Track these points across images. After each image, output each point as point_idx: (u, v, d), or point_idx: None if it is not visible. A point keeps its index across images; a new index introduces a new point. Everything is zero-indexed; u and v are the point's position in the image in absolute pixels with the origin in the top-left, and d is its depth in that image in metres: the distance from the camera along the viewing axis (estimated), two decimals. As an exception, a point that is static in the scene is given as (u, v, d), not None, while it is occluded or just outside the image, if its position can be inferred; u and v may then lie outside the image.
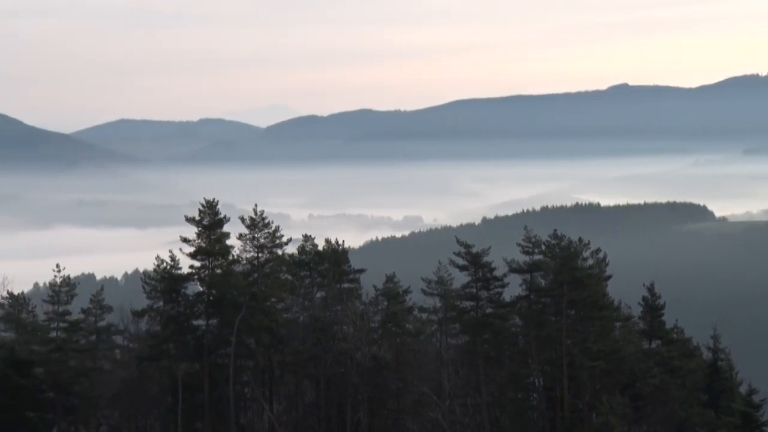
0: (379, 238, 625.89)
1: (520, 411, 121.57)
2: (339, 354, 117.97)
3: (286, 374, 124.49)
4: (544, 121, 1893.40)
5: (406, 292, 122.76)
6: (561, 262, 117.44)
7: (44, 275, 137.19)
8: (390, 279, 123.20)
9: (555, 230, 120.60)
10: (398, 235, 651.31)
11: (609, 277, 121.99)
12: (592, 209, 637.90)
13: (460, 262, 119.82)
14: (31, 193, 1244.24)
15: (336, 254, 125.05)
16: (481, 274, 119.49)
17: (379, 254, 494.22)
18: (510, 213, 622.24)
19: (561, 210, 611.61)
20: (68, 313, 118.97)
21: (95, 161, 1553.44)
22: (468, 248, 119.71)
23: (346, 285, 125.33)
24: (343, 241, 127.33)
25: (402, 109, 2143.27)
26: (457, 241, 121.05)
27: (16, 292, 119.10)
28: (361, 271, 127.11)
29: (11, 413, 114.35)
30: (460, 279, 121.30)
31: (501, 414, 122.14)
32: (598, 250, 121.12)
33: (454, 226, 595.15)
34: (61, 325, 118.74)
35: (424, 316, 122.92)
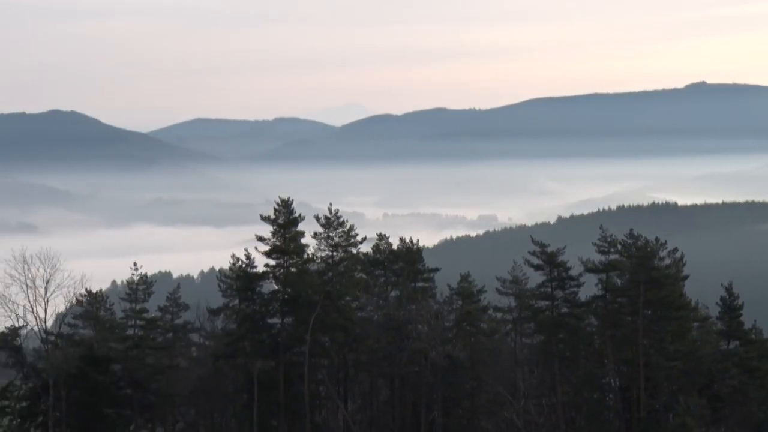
0: (454, 237, 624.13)
1: (596, 411, 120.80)
2: (413, 353, 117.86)
3: (360, 373, 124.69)
4: (621, 120, 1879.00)
5: (481, 291, 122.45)
6: (637, 261, 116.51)
7: (122, 273, 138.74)
8: (464, 278, 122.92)
9: (631, 229, 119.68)
10: (473, 234, 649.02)
11: (686, 277, 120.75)
12: (669, 208, 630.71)
13: (535, 261, 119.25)
14: (109, 191, 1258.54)
15: (410, 253, 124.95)
16: (556, 273, 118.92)
17: (454, 253, 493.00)
18: (585, 212, 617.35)
19: (637, 209, 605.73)
20: (145, 310, 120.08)
21: (172, 160, 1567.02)
22: (543, 247, 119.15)
23: (420, 284, 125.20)
24: (418, 240, 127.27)
25: (477, 108, 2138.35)
26: (532, 241, 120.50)
27: (94, 290, 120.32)
28: (436, 270, 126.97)
29: (89, 410, 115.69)
30: (535, 278, 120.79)
31: (576, 414, 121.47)
32: (675, 250, 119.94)
33: (529, 225, 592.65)
34: (139, 322, 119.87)
35: (499, 315, 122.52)
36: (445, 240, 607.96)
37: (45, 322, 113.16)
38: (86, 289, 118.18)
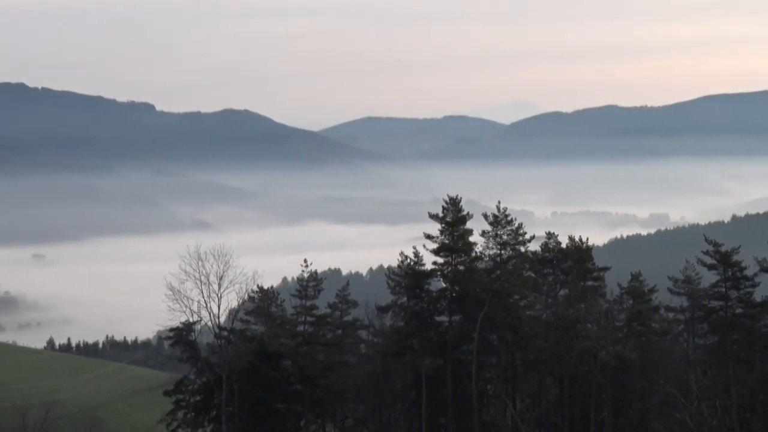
0: (624, 235, 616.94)
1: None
2: (582, 352, 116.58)
3: (529, 372, 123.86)
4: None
5: (652, 290, 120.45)
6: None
7: (292, 270, 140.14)
8: (635, 277, 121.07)
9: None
10: (644, 232, 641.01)
11: None
12: None
13: (709, 260, 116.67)
14: (280, 189, 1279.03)
15: (580, 252, 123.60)
16: (730, 273, 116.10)
17: (624, 252, 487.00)
18: (761, 211, 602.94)
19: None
20: (315, 307, 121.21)
21: (341, 158, 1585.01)
22: (717, 247, 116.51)
23: (589, 283, 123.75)
24: (587, 239, 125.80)
25: (649, 105, 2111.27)
26: (706, 240, 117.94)
27: (265, 287, 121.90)
28: (606, 269, 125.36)
29: (261, 404, 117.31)
30: (708, 278, 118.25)
31: (751, 417, 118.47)
32: None
33: (702, 224, 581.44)
34: (309, 319, 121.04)
35: (671, 315, 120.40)
36: (616, 239, 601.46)
37: (218, 317, 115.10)
38: (258, 285, 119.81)
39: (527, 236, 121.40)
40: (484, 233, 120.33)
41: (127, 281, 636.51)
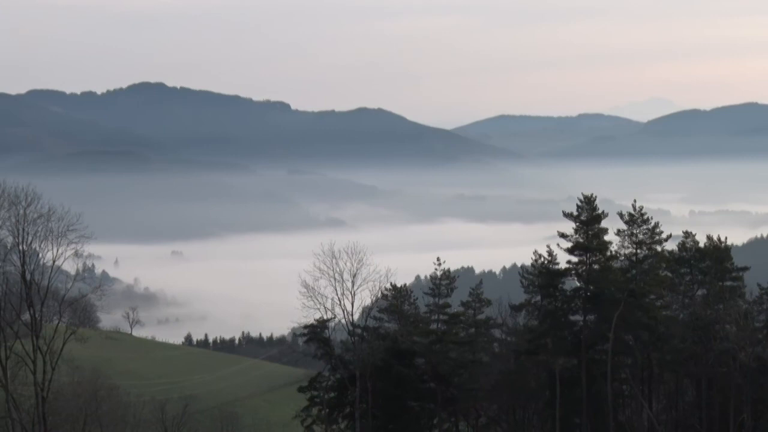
0: (765, 235, 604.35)
1: None
2: (721, 353, 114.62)
3: (665, 372, 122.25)
4: None
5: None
6: None
7: (425, 268, 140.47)
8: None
9: None
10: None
11: None
12: None
13: None
14: (413, 187, 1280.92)
15: (718, 251, 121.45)
16: None
17: (765, 252, 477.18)
18: None
19: None
20: (448, 305, 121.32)
21: (474, 156, 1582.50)
22: None
23: (728, 283, 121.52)
24: (726, 238, 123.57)
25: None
26: None
27: (398, 284, 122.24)
28: (745, 268, 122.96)
29: (394, 402, 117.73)
30: None
31: None
32: None
33: None
34: (442, 317, 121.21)
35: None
36: (756, 238, 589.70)
37: (352, 315, 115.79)
38: (391, 283, 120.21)
39: (663, 235, 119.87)
40: (619, 232, 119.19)
41: (263, 278, 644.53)
